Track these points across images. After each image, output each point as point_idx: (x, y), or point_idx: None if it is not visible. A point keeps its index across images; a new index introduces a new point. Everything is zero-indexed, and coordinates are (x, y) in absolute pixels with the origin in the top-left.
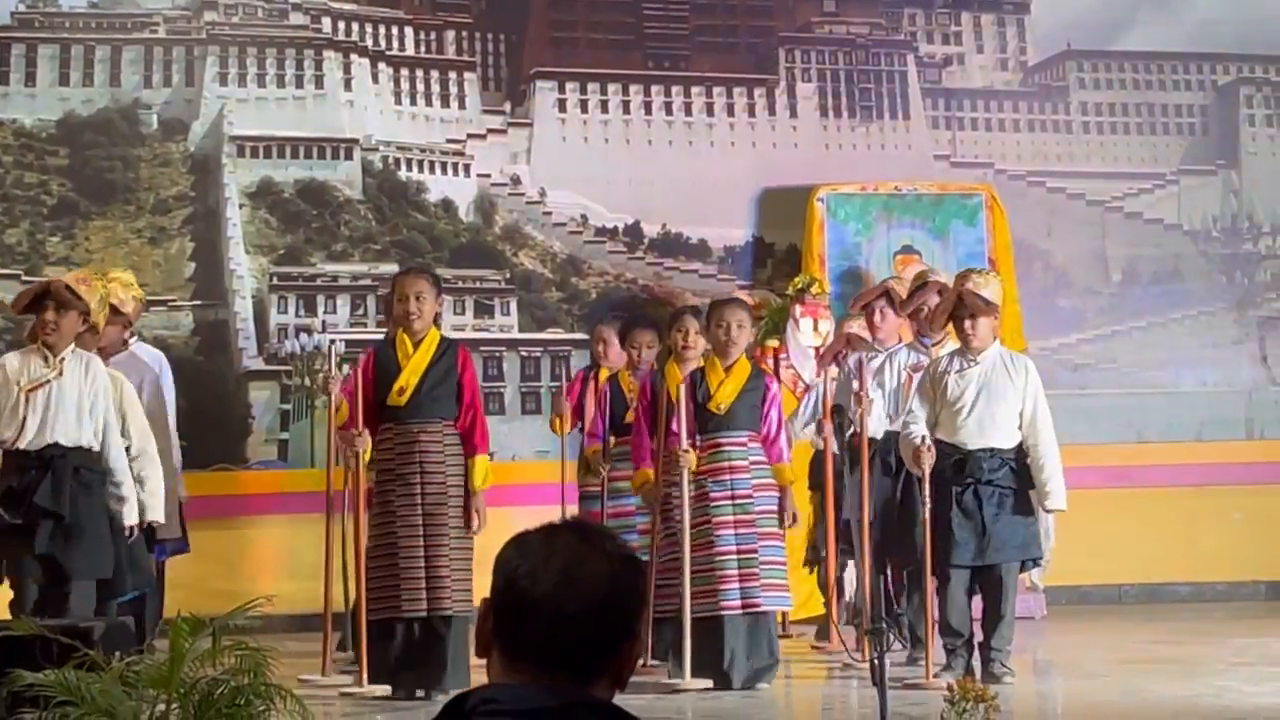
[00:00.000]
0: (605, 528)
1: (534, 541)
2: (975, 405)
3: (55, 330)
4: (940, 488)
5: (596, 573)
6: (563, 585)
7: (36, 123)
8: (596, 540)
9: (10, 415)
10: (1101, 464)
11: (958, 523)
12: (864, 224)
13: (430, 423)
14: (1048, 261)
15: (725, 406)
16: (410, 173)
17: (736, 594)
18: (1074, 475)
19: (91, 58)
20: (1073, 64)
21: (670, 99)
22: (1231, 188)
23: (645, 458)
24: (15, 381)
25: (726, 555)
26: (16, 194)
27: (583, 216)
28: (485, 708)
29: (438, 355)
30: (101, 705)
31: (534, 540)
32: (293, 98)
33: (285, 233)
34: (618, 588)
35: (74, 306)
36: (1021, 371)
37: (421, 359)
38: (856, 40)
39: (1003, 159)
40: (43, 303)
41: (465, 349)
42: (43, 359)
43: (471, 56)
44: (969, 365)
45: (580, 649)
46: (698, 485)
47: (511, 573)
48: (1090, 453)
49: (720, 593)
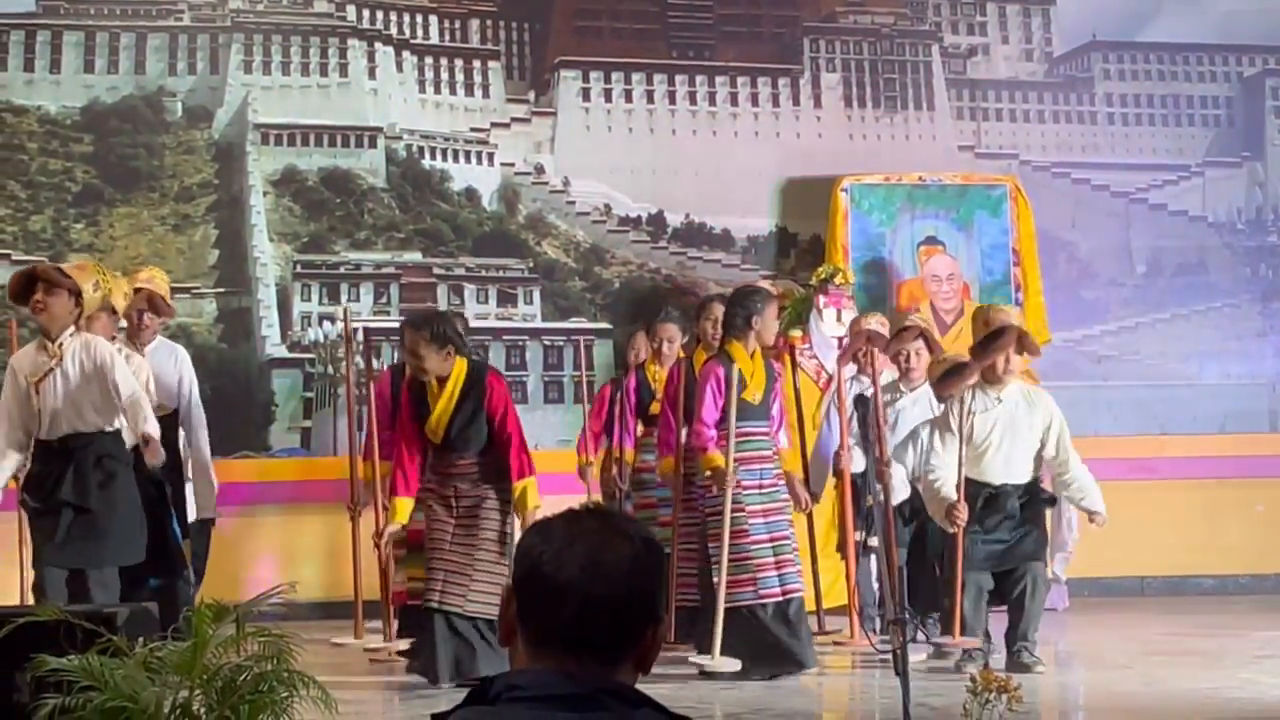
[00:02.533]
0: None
1: (557, 527)
2: (1002, 444)
3: (45, 309)
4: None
5: (620, 557)
6: (587, 570)
7: (61, 109)
8: (619, 525)
9: (26, 409)
10: (1124, 456)
11: (983, 539)
12: (888, 214)
13: (465, 456)
14: (1072, 253)
15: (759, 396)
16: (434, 161)
17: (775, 581)
18: (1096, 467)
19: (116, 45)
20: (1098, 55)
21: (694, 88)
22: (1257, 180)
23: (674, 445)
24: (23, 375)
25: (761, 544)
26: (41, 181)
27: (606, 206)
28: (510, 694)
29: (463, 394)
30: (124, 691)
31: (557, 526)
32: (317, 86)
33: (309, 221)
34: (641, 571)
35: (62, 285)
36: (1042, 410)
37: (447, 404)
38: (881, 30)
39: (1027, 150)
40: (33, 286)
41: (494, 376)
42: (44, 348)
43: (496, 45)
44: (994, 404)
45: (605, 633)
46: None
47: (535, 559)
48: (1113, 445)
49: (759, 581)
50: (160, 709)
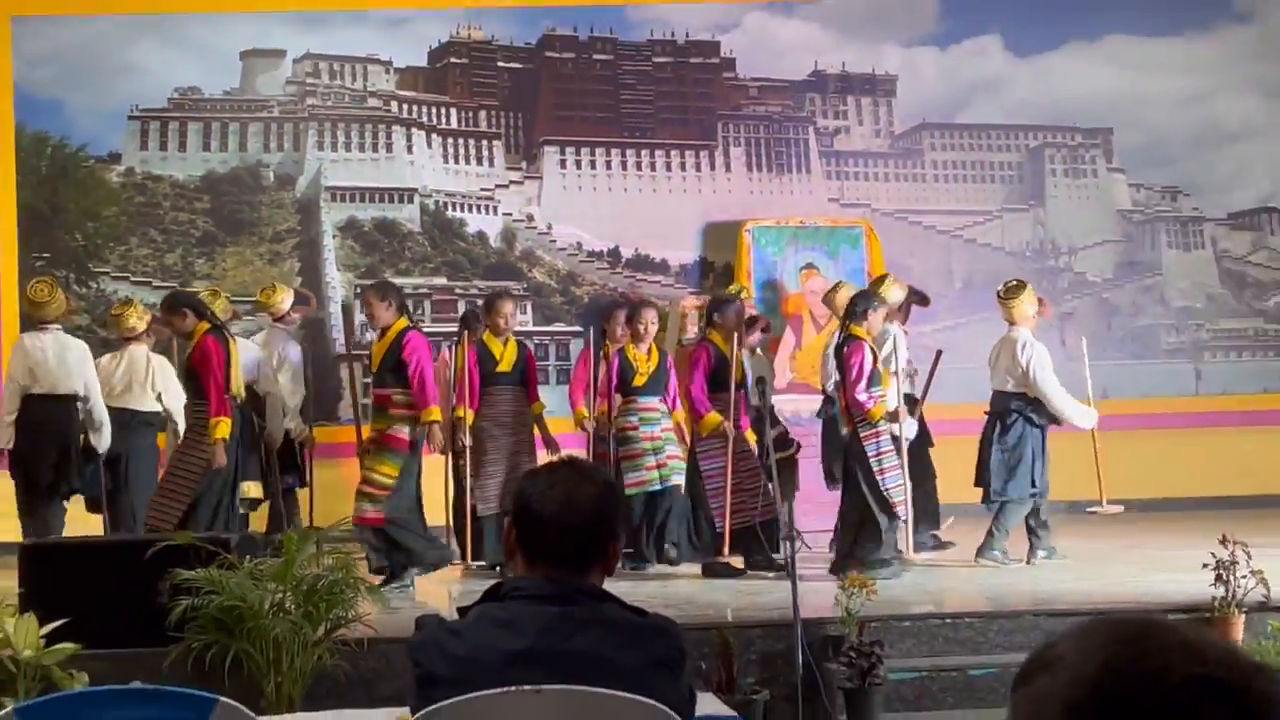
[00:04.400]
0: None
1: (541, 475)
2: None
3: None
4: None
5: (586, 495)
6: (564, 506)
7: (187, 177)
8: (586, 472)
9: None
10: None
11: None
12: (778, 248)
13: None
14: (910, 275)
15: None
16: (454, 212)
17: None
18: (940, 427)
19: (226, 130)
20: (926, 133)
21: (640, 159)
22: (1039, 221)
23: (709, 406)
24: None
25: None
26: (173, 229)
27: (578, 243)
28: (514, 593)
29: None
30: (236, 594)
31: (541, 474)
32: (370, 159)
33: (365, 255)
34: (602, 505)
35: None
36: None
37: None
38: (773, 116)
39: (877, 201)
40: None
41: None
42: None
43: (498, 129)
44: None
45: (578, 550)
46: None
47: (527, 498)
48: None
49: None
50: (262, 606)
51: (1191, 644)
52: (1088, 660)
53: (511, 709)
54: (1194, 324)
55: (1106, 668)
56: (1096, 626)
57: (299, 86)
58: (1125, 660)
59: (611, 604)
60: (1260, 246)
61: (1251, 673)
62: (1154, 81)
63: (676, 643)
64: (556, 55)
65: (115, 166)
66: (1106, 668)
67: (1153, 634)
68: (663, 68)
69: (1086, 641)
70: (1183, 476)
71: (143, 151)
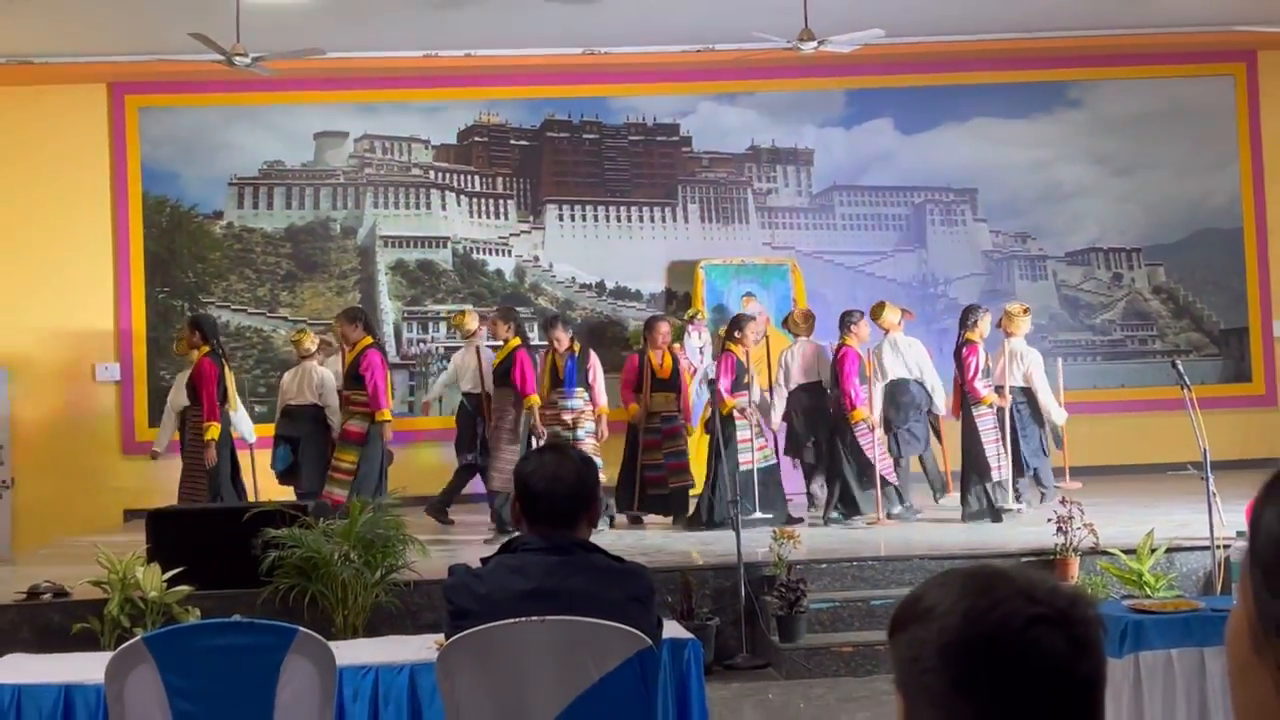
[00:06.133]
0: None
1: (533, 458)
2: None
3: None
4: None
5: (570, 470)
6: (552, 480)
7: (274, 229)
8: (566, 453)
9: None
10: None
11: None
12: (725, 280)
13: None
14: (825, 300)
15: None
16: (478, 255)
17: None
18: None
19: (303, 193)
20: (836, 192)
21: (620, 212)
22: (922, 259)
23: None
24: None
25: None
26: (263, 269)
27: (573, 278)
28: (523, 546)
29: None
30: (313, 548)
31: (533, 457)
32: (414, 214)
33: (410, 288)
34: (583, 478)
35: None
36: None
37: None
38: (720, 180)
39: (799, 244)
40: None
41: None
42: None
43: (510, 191)
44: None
45: (566, 513)
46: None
47: (524, 476)
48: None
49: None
50: (332, 556)
51: (1025, 589)
52: (951, 611)
53: (522, 635)
54: (1040, 336)
55: (967, 617)
56: (950, 579)
57: (359, 159)
58: (980, 610)
59: (598, 554)
60: (1089, 278)
61: (1073, 602)
62: (1009, 153)
63: (646, 582)
64: (555, 135)
65: (219, 221)
66: (967, 617)
67: (996, 584)
68: (636, 144)
69: (946, 594)
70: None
71: (239, 210)
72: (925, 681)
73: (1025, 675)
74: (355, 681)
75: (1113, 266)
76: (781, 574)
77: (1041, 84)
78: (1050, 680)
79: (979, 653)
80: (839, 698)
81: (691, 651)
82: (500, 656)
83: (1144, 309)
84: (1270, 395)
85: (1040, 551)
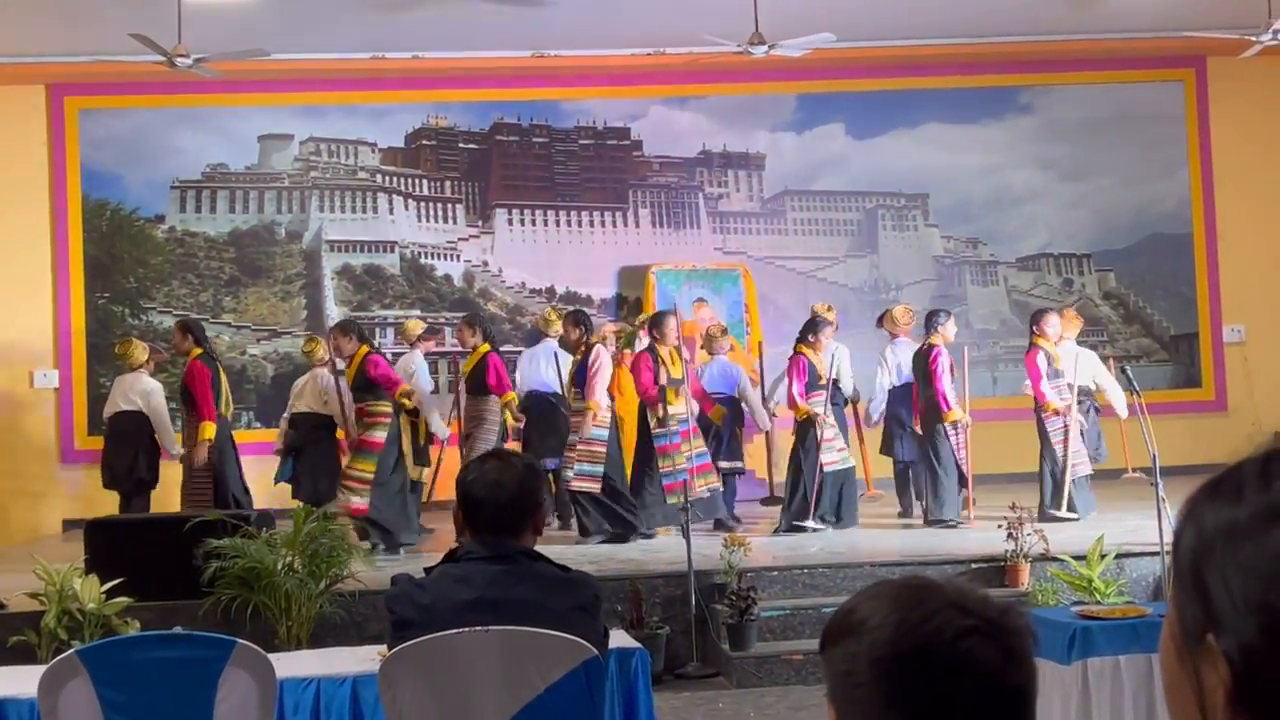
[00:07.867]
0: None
1: (474, 466)
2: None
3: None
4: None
5: (512, 477)
6: (494, 487)
7: (218, 233)
8: (508, 459)
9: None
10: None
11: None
12: (676, 285)
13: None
14: (777, 306)
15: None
16: (426, 259)
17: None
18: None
19: (248, 197)
20: (788, 197)
21: (570, 217)
22: (874, 264)
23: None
24: None
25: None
26: (206, 274)
27: (522, 283)
28: (466, 556)
29: (358, 363)
30: (255, 558)
31: (474, 465)
32: (360, 218)
33: (356, 293)
34: (526, 484)
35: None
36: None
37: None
38: (671, 185)
39: (751, 249)
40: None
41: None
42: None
43: (459, 195)
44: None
45: (510, 521)
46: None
47: (467, 485)
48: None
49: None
50: (276, 566)
51: (956, 600)
52: (883, 625)
53: (466, 645)
54: (991, 341)
55: (899, 630)
56: (881, 591)
57: (304, 163)
58: (912, 624)
59: (543, 562)
60: (1040, 283)
61: (1004, 612)
62: (960, 158)
63: (592, 590)
64: (504, 138)
65: (160, 225)
66: (899, 630)
67: (928, 596)
68: (586, 148)
69: (878, 607)
70: (990, 457)
71: (182, 213)
72: (858, 695)
73: (958, 687)
74: (296, 694)
75: (1063, 272)
76: (732, 582)
77: (992, 89)
78: (983, 692)
79: (911, 665)
80: (789, 706)
81: (639, 661)
82: (444, 667)
83: (1094, 314)
84: (1220, 400)
85: (991, 558)
